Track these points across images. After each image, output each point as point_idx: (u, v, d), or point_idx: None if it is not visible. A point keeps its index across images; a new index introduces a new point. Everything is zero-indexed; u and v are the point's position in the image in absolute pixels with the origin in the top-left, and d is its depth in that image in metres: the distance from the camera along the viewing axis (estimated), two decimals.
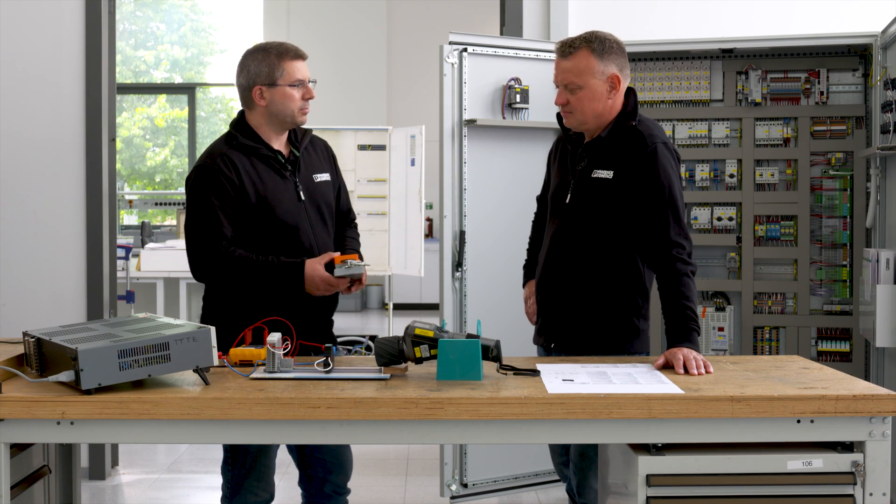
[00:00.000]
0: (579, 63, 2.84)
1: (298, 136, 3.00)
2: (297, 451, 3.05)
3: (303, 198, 2.93)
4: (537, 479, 4.39)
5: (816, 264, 4.44)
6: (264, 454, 2.94)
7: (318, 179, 3.01)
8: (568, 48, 2.86)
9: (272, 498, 3.01)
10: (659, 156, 2.83)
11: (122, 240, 6.60)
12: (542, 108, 4.27)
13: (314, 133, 3.11)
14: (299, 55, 2.93)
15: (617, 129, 2.89)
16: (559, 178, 3.03)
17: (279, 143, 2.96)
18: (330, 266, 2.81)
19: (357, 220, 3.23)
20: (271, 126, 2.93)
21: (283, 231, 2.89)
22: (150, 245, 7.51)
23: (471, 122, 4.19)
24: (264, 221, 2.87)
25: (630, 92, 2.92)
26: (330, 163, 3.10)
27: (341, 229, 3.12)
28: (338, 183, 3.11)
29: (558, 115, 3.03)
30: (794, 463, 2.30)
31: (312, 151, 3.05)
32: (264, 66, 2.89)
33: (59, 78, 4.69)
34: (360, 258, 3.01)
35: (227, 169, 2.85)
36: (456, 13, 11.15)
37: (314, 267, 2.80)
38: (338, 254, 2.85)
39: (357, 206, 6.90)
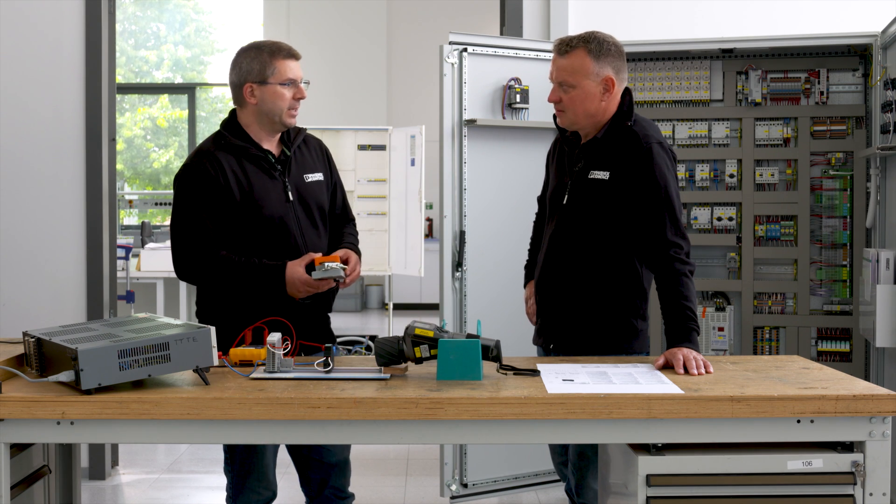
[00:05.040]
0: (574, 62, 2.84)
1: (291, 136, 2.98)
2: (294, 454, 3.04)
3: (291, 198, 2.91)
4: (537, 479, 4.39)
5: (816, 264, 4.44)
6: (260, 453, 2.94)
7: (310, 179, 2.98)
8: (566, 46, 2.86)
9: (274, 496, 3.02)
10: (654, 155, 2.83)
11: (122, 240, 6.60)
12: (542, 108, 4.26)
13: (312, 133, 3.09)
14: (292, 54, 2.91)
15: (613, 130, 2.89)
16: (556, 179, 3.03)
17: (270, 143, 2.94)
18: (311, 267, 2.79)
19: (356, 219, 3.20)
20: (261, 125, 2.91)
21: (270, 231, 2.87)
22: (149, 245, 7.50)
23: (471, 122, 4.19)
24: (251, 222, 2.85)
25: (626, 92, 2.92)
26: (324, 162, 3.06)
27: (339, 227, 3.09)
28: (332, 182, 3.07)
29: (554, 116, 3.03)
30: (794, 463, 2.30)
31: (306, 151, 3.02)
32: (256, 63, 2.88)
33: (59, 78, 4.69)
34: (357, 253, 2.98)
35: (213, 169, 2.84)
36: (456, 13, 11.15)
37: (294, 269, 2.78)
38: (319, 255, 2.82)
39: (357, 206, 6.92)
